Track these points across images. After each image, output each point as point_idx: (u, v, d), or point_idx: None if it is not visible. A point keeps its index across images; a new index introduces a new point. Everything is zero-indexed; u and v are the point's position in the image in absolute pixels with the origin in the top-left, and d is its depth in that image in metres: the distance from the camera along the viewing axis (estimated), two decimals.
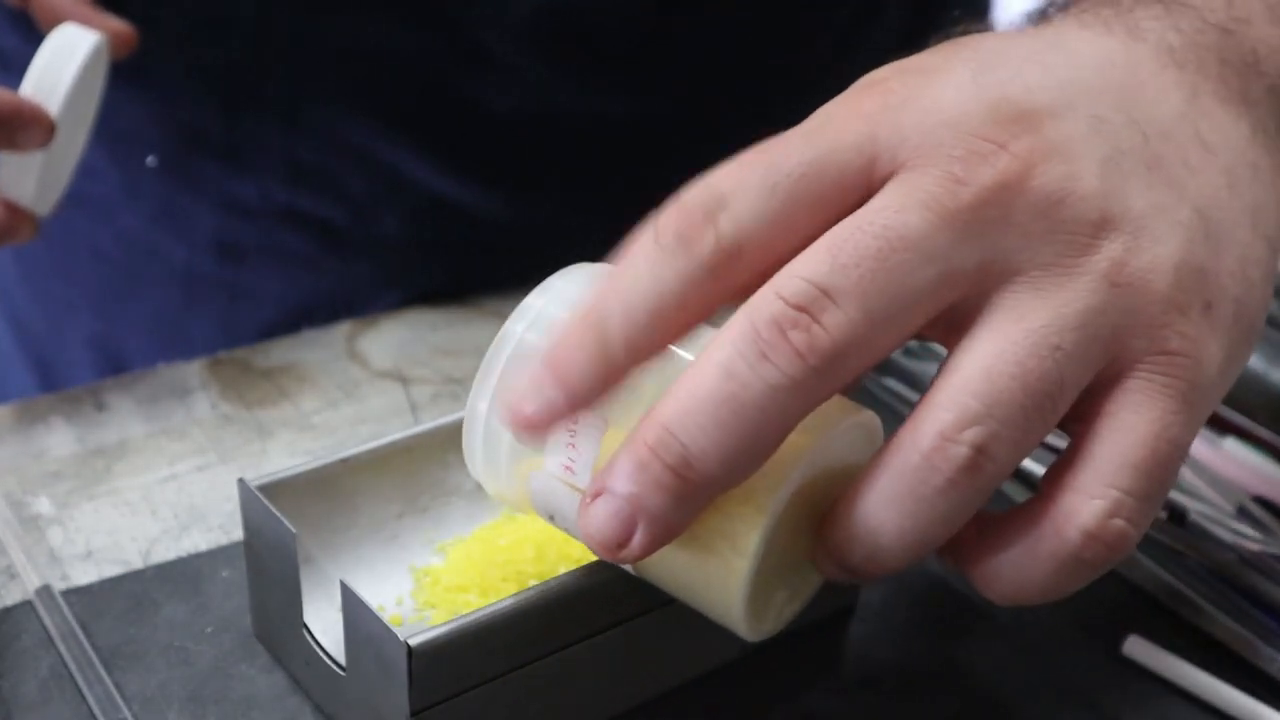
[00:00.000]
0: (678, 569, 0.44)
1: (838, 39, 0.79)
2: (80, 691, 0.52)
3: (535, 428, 0.42)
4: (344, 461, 0.54)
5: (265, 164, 0.75)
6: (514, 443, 0.45)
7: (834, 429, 0.43)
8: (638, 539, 0.41)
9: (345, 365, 0.69)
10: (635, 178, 0.78)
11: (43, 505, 0.60)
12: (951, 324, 0.42)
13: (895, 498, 0.41)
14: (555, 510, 0.46)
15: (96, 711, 0.51)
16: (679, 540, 0.42)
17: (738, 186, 0.42)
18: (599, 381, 0.41)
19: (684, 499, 0.41)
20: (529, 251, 0.78)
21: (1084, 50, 0.44)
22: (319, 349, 0.70)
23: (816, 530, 0.43)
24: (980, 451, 0.40)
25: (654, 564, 0.44)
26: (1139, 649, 0.55)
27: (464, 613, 0.47)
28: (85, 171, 0.72)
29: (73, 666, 0.52)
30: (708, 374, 0.40)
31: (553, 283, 0.47)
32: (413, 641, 0.45)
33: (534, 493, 0.46)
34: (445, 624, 0.46)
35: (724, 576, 0.43)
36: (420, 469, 0.56)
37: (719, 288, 0.41)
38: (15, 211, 0.64)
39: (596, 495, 0.41)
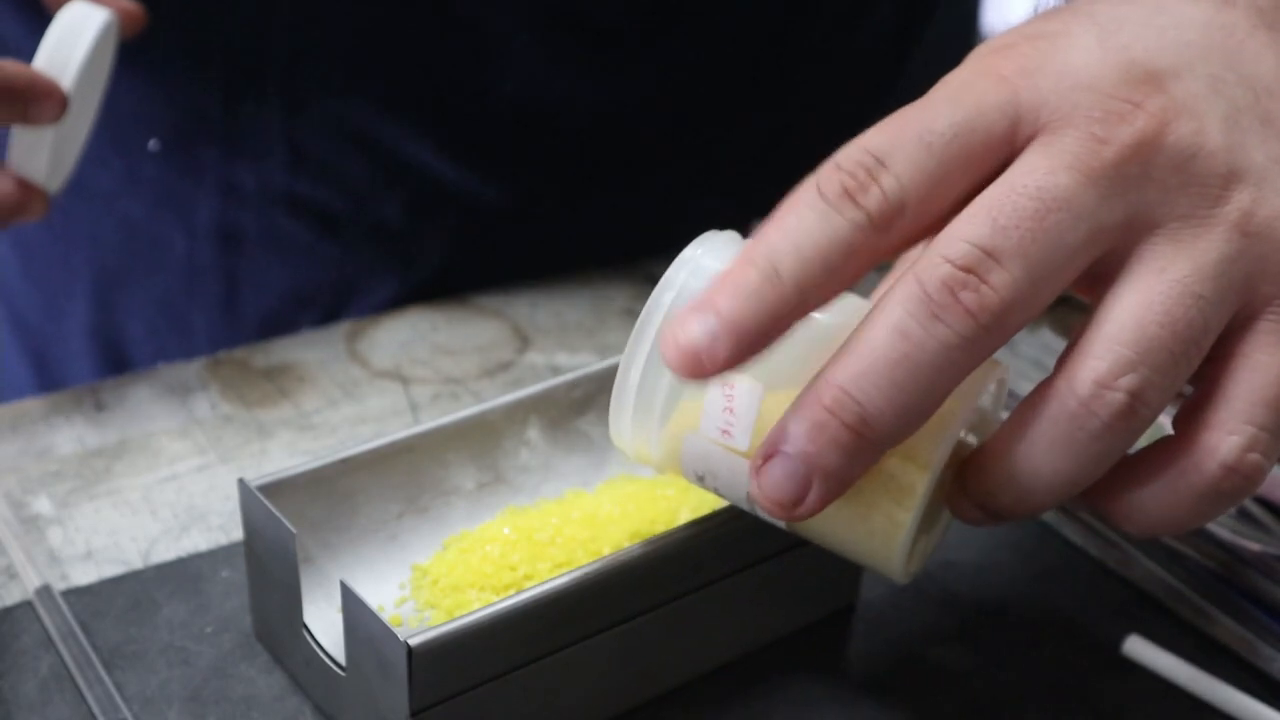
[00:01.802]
0: (839, 523, 0.46)
1: (833, 24, 0.79)
2: (80, 691, 0.52)
3: (701, 371, 0.43)
4: (344, 461, 0.54)
5: (265, 149, 0.75)
6: (665, 409, 0.47)
7: (984, 383, 0.46)
8: (812, 496, 0.43)
9: (345, 365, 0.69)
10: (631, 169, 0.78)
11: (43, 505, 0.60)
12: (1094, 277, 0.44)
13: (1052, 443, 0.43)
14: (708, 472, 0.47)
15: (96, 711, 0.51)
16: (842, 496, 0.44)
17: (895, 147, 0.43)
18: (770, 326, 0.43)
19: (858, 456, 0.43)
20: (528, 241, 0.78)
21: (1186, 14, 0.46)
22: (319, 349, 0.70)
23: (957, 476, 0.46)
24: (1135, 397, 0.42)
25: (816, 519, 0.45)
26: (1139, 649, 0.55)
27: (464, 613, 0.47)
28: (86, 158, 0.72)
29: (72, 666, 0.52)
30: (880, 335, 0.42)
31: (691, 254, 0.48)
32: (413, 642, 0.45)
33: (686, 455, 0.47)
34: (445, 624, 0.46)
35: (887, 528, 0.46)
36: (420, 469, 0.56)
37: (881, 243, 0.43)
38: (27, 188, 0.64)
39: (769, 457, 0.43)
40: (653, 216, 0.79)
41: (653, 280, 0.76)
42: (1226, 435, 0.43)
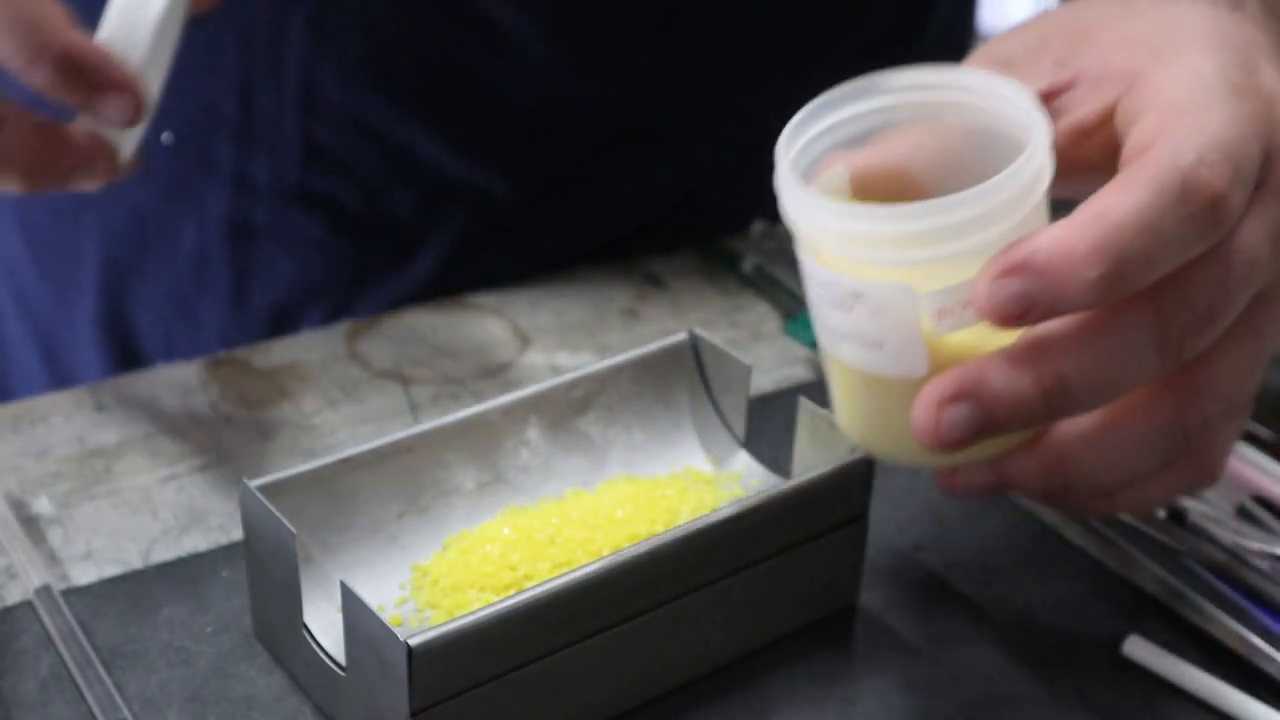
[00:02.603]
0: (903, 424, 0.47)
1: (835, 23, 0.80)
2: (80, 691, 0.52)
3: (1008, 322, 0.44)
4: (344, 461, 0.54)
5: (280, 144, 0.75)
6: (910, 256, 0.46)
7: None
8: (964, 442, 0.45)
9: (345, 365, 0.69)
10: (636, 166, 0.78)
11: (43, 505, 0.60)
12: None
13: (1135, 446, 0.48)
14: (861, 307, 0.47)
15: (96, 711, 0.51)
16: None
17: (1241, 168, 0.46)
18: (1088, 306, 0.45)
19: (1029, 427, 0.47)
20: (534, 237, 0.78)
21: None
22: (319, 349, 0.70)
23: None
24: (1209, 429, 0.48)
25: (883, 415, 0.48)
26: (1139, 649, 0.55)
27: (464, 613, 0.47)
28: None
29: (73, 666, 0.52)
30: (1118, 350, 0.45)
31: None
32: (413, 642, 0.45)
33: (868, 288, 0.46)
34: (445, 624, 0.47)
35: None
36: (420, 469, 0.56)
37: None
38: (100, 144, 0.60)
39: (960, 398, 0.45)
40: (653, 215, 0.79)
41: (653, 280, 0.76)
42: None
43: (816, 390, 0.67)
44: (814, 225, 0.47)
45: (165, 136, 0.76)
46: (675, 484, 0.57)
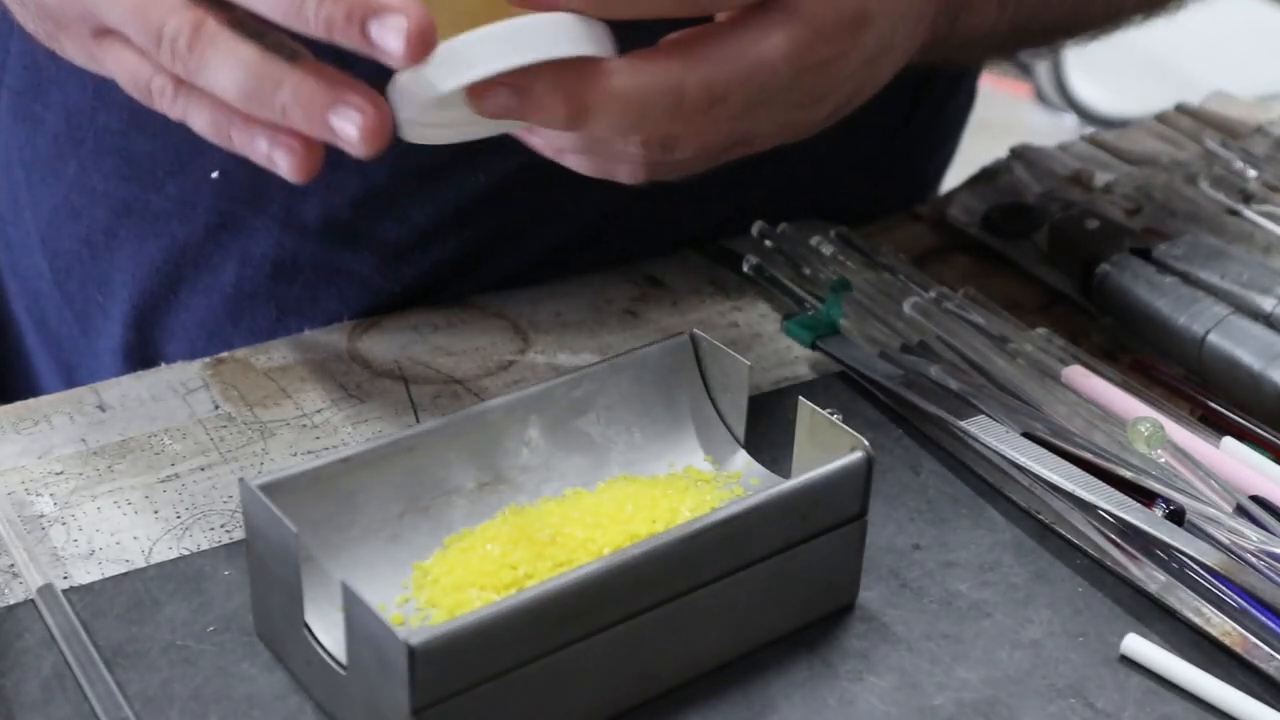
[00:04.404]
0: None
1: None
2: (82, 690, 0.52)
3: None
4: (345, 461, 0.54)
5: (334, 184, 0.74)
6: None
7: None
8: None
9: (346, 365, 0.69)
10: (670, 204, 0.78)
11: (45, 504, 0.60)
12: None
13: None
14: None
15: (99, 710, 0.51)
16: None
17: None
18: None
19: None
20: (568, 270, 0.77)
21: None
22: (320, 349, 0.70)
23: None
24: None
25: None
26: (1139, 649, 0.55)
27: (465, 612, 0.48)
28: (139, 181, 0.70)
29: (75, 665, 0.53)
30: None
31: None
32: (413, 641, 0.46)
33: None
34: (446, 623, 0.47)
35: None
36: (421, 468, 0.56)
37: None
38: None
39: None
40: (653, 216, 0.79)
41: (653, 280, 0.76)
42: None
43: (816, 390, 0.67)
44: None
45: (214, 174, 0.75)
46: (675, 484, 0.57)
